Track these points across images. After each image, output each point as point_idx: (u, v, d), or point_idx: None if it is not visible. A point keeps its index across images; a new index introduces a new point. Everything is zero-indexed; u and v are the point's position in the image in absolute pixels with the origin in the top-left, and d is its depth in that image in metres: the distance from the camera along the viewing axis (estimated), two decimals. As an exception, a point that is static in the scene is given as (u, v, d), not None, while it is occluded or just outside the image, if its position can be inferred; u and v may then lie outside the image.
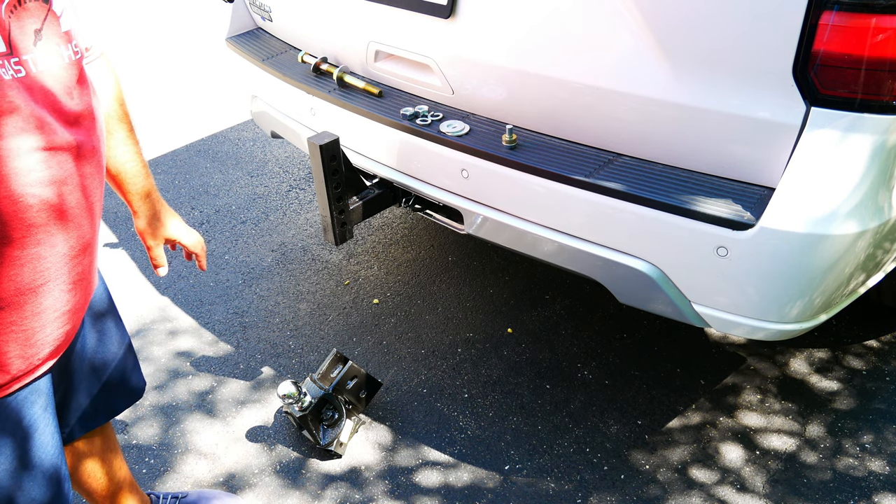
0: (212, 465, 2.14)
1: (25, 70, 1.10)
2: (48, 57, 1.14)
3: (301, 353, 2.52)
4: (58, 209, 1.16)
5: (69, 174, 1.17)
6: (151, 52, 5.58)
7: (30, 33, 1.12)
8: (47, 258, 1.17)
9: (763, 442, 2.08)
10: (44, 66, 1.13)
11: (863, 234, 1.50)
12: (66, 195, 1.17)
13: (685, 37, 1.56)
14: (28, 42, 1.11)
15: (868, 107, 1.43)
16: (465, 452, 2.12)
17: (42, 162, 1.12)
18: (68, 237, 1.20)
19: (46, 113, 1.13)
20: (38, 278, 1.17)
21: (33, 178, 1.11)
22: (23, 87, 1.09)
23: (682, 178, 1.66)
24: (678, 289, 1.68)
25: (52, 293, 1.21)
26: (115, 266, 3.06)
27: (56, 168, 1.14)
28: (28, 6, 1.12)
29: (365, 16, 2.14)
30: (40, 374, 1.26)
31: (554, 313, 2.61)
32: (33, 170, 1.11)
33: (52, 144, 1.13)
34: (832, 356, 2.35)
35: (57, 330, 1.25)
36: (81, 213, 1.22)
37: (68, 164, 1.17)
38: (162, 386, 2.43)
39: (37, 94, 1.11)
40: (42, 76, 1.13)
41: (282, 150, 3.90)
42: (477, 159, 1.88)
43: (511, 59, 1.84)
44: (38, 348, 1.23)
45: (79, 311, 1.30)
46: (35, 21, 1.13)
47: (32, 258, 1.15)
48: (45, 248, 1.16)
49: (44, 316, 1.21)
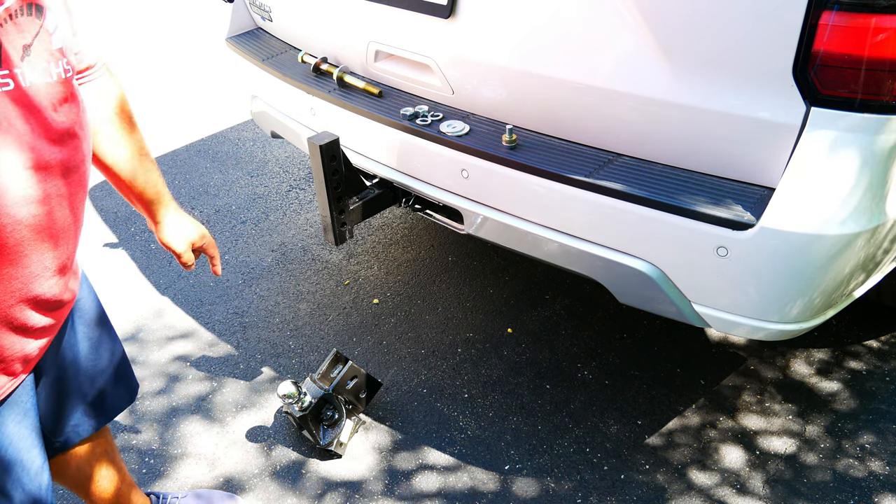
0: (211, 466, 2.14)
1: (14, 83, 1.08)
2: (36, 73, 1.13)
3: (301, 353, 2.52)
4: (39, 227, 1.15)
5: (52, 192, 1.15)
6: (152, 52, 5.57)
7: (18, 48, 1.10)
8: (21, 277, 1.15)
9: (763, 442, 2.08)
10: (32, 81, 1.11)
11: (863, 234, 1.50)
12: (47, 213, 1.16)
13: (685, 37, 1.56)
14: (17, 56, 1.09)
15: (868, 107, 1.42)
16: (465, 452, 2.12)
17: (25, 178, 1.10)
18: (46, 256, 1.18)
19: (32, 128, 1.11)
20: (10, 298, 1.15)
21: (17, 195, 1.10)
22: (10, 101, 1.08)
23: (682, 178, 1.66)
24: (678, 289, 1.68)
25: (25, 311, 1.19)
26: (114, 266, 3.06)
27: (39, 185, 1.12)
28: (19, 21, 1.10)
29: (365, 16, 2.14)
30: (13, 388, 1.25)
31: (554, 313, 2.61)
32: (16, 186, 1.09)
33: (35, 161, 1.11)
34: (832, 356, 2.35)
35: (29, 344, 1.24)
36: (62, 232, 1.20)
37: (51, 181, 1.15)
38: (161, 386, 2.43)
39: (24, 109, 1.10)
40: (30, 91, 1.11)
41: (282, 150, 3.90)
42: (477, 159, 1.87)
43: (511, 59, 1.84)
44: (8, 363, 1.21)
45: (54, 327, 1.29)
46: (25, 36, 1.11)
47: (8, 277, 1.14)
48: (19, 269, 1.14)
49: (15, 332, 1.19)
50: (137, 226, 3.32)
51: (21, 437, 1.30)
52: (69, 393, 1.47)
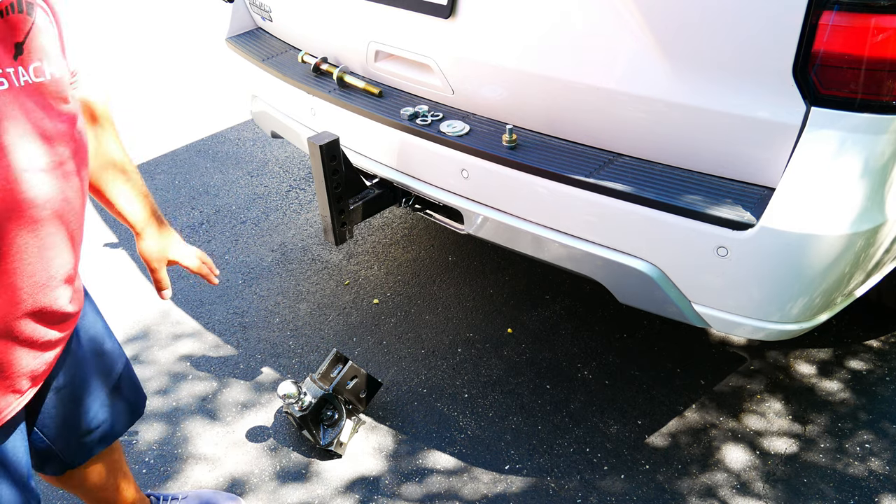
0: (211, 466, 2.14)
1: (8, 83, 1.06)
2: (30, 71, 1.10)
3: (301, 353, 2.52)
4: (41, 233, 1.12)
5: (48, 196, 1.12)
6: (152, 52, 5.57)
7: (10, 46, 1.07)
8: (26, 287, 1.13)
9: (763, 442, 2.08)
10: (26, 80, 1.09)
11: (863, 234, 1.50)
12: (50, 218, 1.13)
13: (686, 37, 1.56)
14: (7, 55, 1.07)
15: (868, 107, 1.42)
16: (465, 452, 2.12)
17: (26, 182, 1.08)
18: (50, 265, 1.16)
19: (31, 129, 1.09)
20: (15, 310, 1.13)
21: (18, 199, 1.07)
22: (6, 100, 1.06)
23: (682, 178, 1.66)
24: (678, 289, 1.68)
25: (30, 324, 1.17)
26: (115, 267, 3.06)
27: (35, 189, 1.09)
28: (10, 19, 1.07)
29: (365, 16, 2.14)
30: (21, 406, 1.24)
31: (554, 313, 2.61)
32: (17, 189, 1.07)
33: (35, 163, 1.09)
34: (832, 356, 2.35)
35: (36, 360, 1.22)
36: (65, 239, 1.18)
37: (47, 185, 1.12)
38: (161, 386, 2.43)
39: (21, 109, 1.07)
40: (26, 90, 1.09)
41: (282, 150, 3.90)
42: (477, 159, 1.87)
43: (511, 58, 1.84)
44: (15, 380, 1.20)
45: (61, 340, 1.27)
46: (17, 34, 1.08)
47: (12, 287, 1.11)
48: (24, 279, 1.12)
49: (22, 346, 1.18)
50: (137, 226, 3.32)
51: (24, 452, 1.30)
52: (80, 406, 1.45)
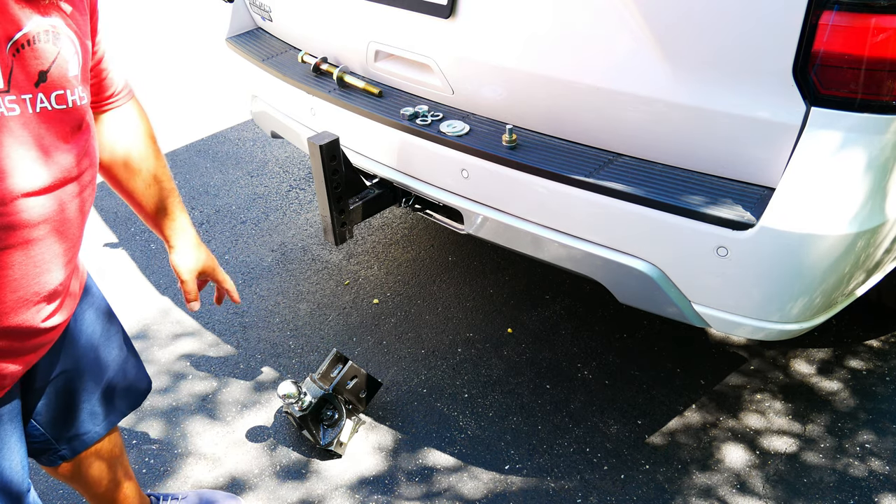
0: (211, 466, 2.14)
1: (20, 109, 1.08)
2: (50, 100, 1.12)
3: (301, 353, 2.52)
4: (26, 251, 1.14)
5: (46, 216, 1.14)
6: (151, 52, 5.57)
7: (33, 74, 1.09)
8: (5, 302, 1.14)
9: (763, 442, 2.08)
10: (43, 106, 1.11)
11: (863, 234, 1.50)
12: (43, 238, 1.15)
13: (685, 37, 1.56)
14: (29, 82, 1.09)
15: (868, 107, 1.42)
16: (465, 452, 2.12)
17: (25, 205, 1.10)
18: (35, 283, 1.17)
19: (38, 156, 1.10)
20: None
21: (15, 220, 1.09)
22: (19, 126, 1.07)
23: (682, 178, 1.66)
24: (678, 289, 1.68)
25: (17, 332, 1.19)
26: (115, 266, 3.06)
27: (31, 210, 1.11)
28: (37, 47, 1.09)
29: (365, 16, 2.14)
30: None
31: (554, 313, 2.61)
32: (15, 211, 1.09)
33: (36, 186, 1.11)
34: (832, 356, 2.35)
35: (7, 368, 1.22)
36: (55, 257, 1.19)
37: (46, 206, 1.14)
38: (162, 386, 2.43)
39: (29, 134, 1.09)
40: (41, 117, 1.11)
41: (282, 150, 3.90)
42: (477, 159, 1.87)
43: (511, 58, 1.84)
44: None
45: (50, 341, 1.29)
46: (42, 62, 1.10)
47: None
48: (7, 293, 1.14)
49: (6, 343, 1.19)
50: (137, 226, 3.32)
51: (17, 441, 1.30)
52: (77, 396, 1.46)
